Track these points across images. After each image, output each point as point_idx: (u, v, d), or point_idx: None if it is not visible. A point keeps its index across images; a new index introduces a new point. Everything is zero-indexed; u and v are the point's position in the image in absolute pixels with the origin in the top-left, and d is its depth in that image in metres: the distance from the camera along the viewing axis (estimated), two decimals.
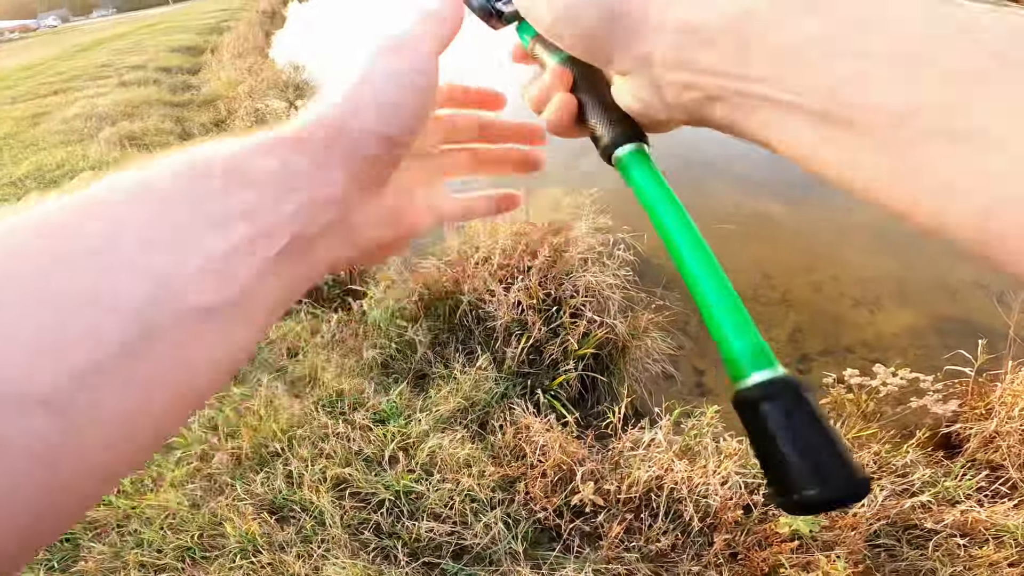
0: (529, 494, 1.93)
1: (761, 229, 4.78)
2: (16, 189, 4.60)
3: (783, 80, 0.23)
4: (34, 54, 18.00)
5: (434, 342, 3.02)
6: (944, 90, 0.19)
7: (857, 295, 3.94)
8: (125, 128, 5.61)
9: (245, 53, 9.90)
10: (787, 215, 5.10)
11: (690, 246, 0.29)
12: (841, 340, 3.52)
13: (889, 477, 2.18)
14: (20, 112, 7.52)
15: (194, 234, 0.21)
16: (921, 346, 3.44)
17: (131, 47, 14.27)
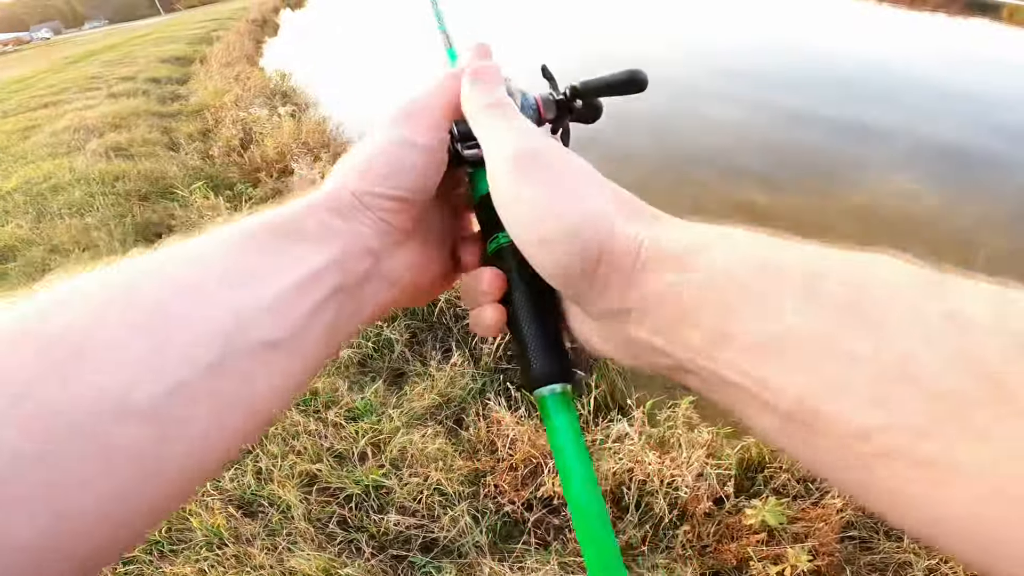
0: (498, 487, 1.95)
1: (745, 220, 4.79)
2: (4, 203, 4.61)
3: (758, 375, 0.22)
4: (26, 67, 18.05)
5: (412, 340, 3.05)
6: (920, 412, 0.18)
7: None
8: (112, 139, 5.63)
9: (233, 62, 9.94)
10: (771, 204, 5.13)
11: (587, 500, 0.28)
12: None
13: None
14: (11, 126, 7.54)
15: (261, 278, 0.25)
16: None
17: (121, 58, 14.31)
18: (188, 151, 5.35)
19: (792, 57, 12.80)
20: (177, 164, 4.98)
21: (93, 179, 4.69)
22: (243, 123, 5.37)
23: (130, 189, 4.50)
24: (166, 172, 4.80)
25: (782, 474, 2.23)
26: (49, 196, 4.57)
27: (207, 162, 5.11)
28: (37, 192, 4.69)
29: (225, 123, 5.58)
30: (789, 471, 2.23)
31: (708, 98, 8.65)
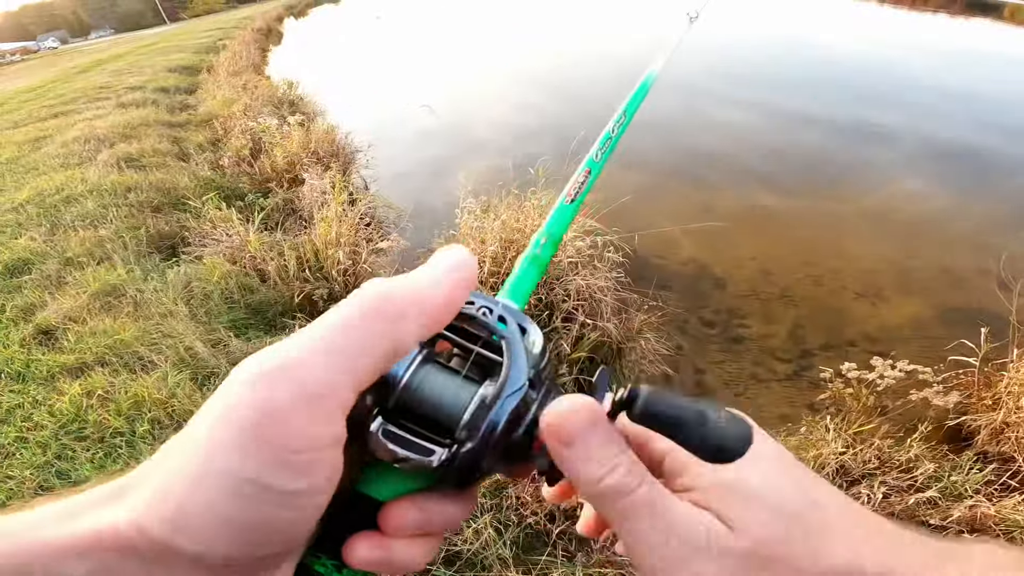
0: (520, 499, 1.95)
1: (757, 223, 4.79)
2: (17, 215, 4.61)
3: None
4: (35, 76, 18.16)
5: None
6: None
7: (859, 287, 3.96)
8: (123, 150, 5.65)
9: (240, 71, 10.00)
10: (783, 207, 5.16)
11: None
12: (843, 334, 3.54)
13: (892, 473, 2.16)
14: (22, 136, 7.53)
15: None
16: (926, 337, 3.45)
17: (129, 68, 14.39)
18: (199, 161, 5.37)
19: (796, 59, 12.78)
20: (188, 175, 5.00)
21: (106, 190, 4.71)
22: (252, 133, 5.40)
23: (143, 200, 4.52)
24: (177, 183, 4.81)
25: None
26: (62, 208, 4.58)
27: (217, 172, 5.13)
28: (50, 204, 4.71)
29: (234, 133, 5.60)
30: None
31: (715, 101, 8.66)
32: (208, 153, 5.65)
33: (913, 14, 31.86)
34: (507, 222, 3.19)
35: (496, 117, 8.08)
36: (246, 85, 8.06)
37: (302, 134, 5.07)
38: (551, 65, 12.17)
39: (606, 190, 3.54)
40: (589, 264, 3.26)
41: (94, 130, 6.64)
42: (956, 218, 5.01)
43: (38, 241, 4.05)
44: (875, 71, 11.43)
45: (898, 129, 7.31)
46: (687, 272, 4.11)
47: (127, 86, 10.53)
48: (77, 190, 4.82)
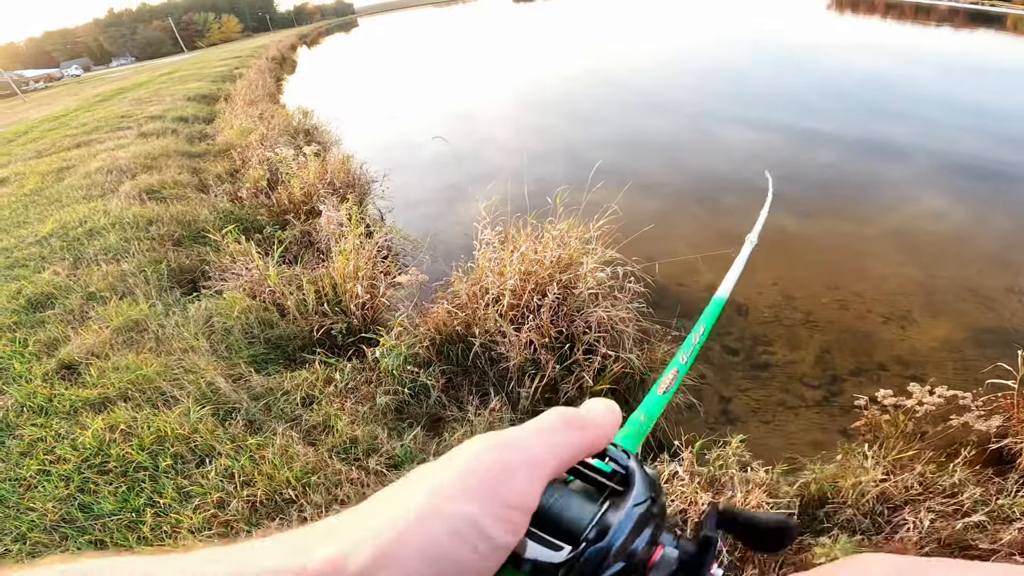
0: None
1: (777, 247, 4.72)
2: (41, 248, 4.66)
3: None
4: (58, 104, 18.71)
5: (447, 385, 3.06)
6: None
7: (886, 311, 3.91)
8: (144, 181, 5.73)
9: (256, 100, 10.19)
10: (803, 230, 5.10)
11: None
12: (874, 358, 3.49)
13: (937, 498, 2.14)
14: (45, 166, 7.67)
15: None
16: (959, 359, 3.40)
17: (150, 96, 14.76)
18: (217, 193, 5.42)
19: (806, 77, 12.76)
20: (208, 207, 5.05)
21: (127, 223, 4.76)
22: (269, 163, 5.45)
23: (164, 233, 4.56)
24: (197, 215, 4.86)
25: (846, 509, 2.19)
26: (85, 241, 4.64)
27: (236, 204, 5.18)
28: (73, 237, 4.76)
29: (252, 163, 5.67)
30: (854, 506, 2.18)
31: (728, 122, 8.64)
32: (227, 184, 5.72)
33: (918, 27, 31.87)
34: (526, 254, 3.15)
35: (510, 142, 8.12)
36: (262, 115, 8.20)
37: (318, 164, 5.11)
38: (563, 88, 12.26)
39: (626, 218, 3.51)
40: (610, 296, 3.22)
41: (116, 160, 6.75)
42: (979, 236, 4.92)
43: (61, 275, 4.09)
44: (885, 86, 11.40)
45: (913, 145, 7.24)
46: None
47: (148, 115, 10.78)
48: (100, 223, 4.89)
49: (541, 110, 10.52)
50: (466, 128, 9.30)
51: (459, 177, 6.69)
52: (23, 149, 9.68)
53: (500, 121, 9.81)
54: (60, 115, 14.70)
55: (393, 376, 2.97)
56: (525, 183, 3.77)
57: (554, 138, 8.28)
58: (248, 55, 25.16)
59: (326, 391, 2.86)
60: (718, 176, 6.34)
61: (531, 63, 16.86)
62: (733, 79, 12.46)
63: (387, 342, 3.04)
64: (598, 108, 10.09)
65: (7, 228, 5.28)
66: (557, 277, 3.09)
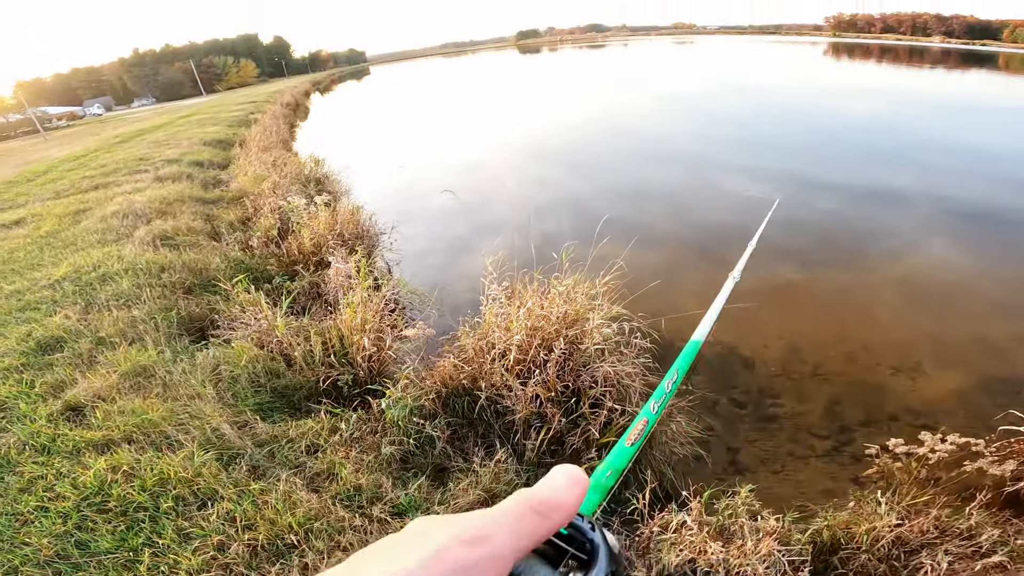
0: None
1: (782, 300, 4.74)
2: (53, 292, 4.70)
3: None
4: (79, 144, 19.25)
5: (453, 437, 3.06)
6: None
7: (895, 362, 3.91)
8: (159, 227, 5.85)
9: (270, 147, 10.47)
10: (807, 282, 5.12)
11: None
12: (884, 408, 3.48)
13: (954, 541, 2.14)
14: (62, 208, 7.82)
15: None
16: (970, 408, 3.40)
17: (167, 139, 15.20)
18: (229, 241, 5.52)
19: (802, 122, 13.02)
20: (219, 255, 5.14)
21: (140, 269, 4.84)
22: (280, 212, 5.56)
23: (175, 281, 4.63)
24: (209, 263, 4.94)
25: (861, 555, 2.17)
26: (98, 286, 4.70)
27: (247, 253, 5.26)
28: (86, 281, 4.82)
29: (263, 212, 5.79)
30: (869, 551, 2.17)
31: (727, 170, 8.78)
32: (238, 232, 5.82)
33: (913, 70, 32.67)
34: (532, 310, 3.18)
35: (515, 194, 8.26)
36: (275, 162, 8.42)
37: (328, 215, 5.21)
38: (567, 138, 12.55)
39: (631, 272, 3.56)
40: (616, 351, 3.23)
41: (132, 204, 6.90)
42: (985, 283, 4.94)
43: (72, 319, 4.12)
44: (885, 131, 11.60)
45: (913, 192, 7.32)
46: (714, 354, 4.06)
47: (165, 158, 11.07)
48: (113, 268, 4.96)
49: (546, 160, 10.77)
50: (473, 178, 9.51)
51: (466, 229, 6.79)
52: (42, 189, 9.93)
53: (507, 171, 10.03)
54: (80, 155, 15.12)
55: (398, 427, 2.99)
56: (531, 237, 3.84)
57: (559, 189, 8.43)
58: (264, 100, 26.01)
59: (331, 440, 2.88)
60: (721, 227, 6.41)
61: (536, 112, 17.34)
62: (735, 125, 12.75)
63: (393, 394, 3.05)
64: (602, 158, 10.33)
65: (21, 271, 5.36)
66: (563, 333, 3.12)
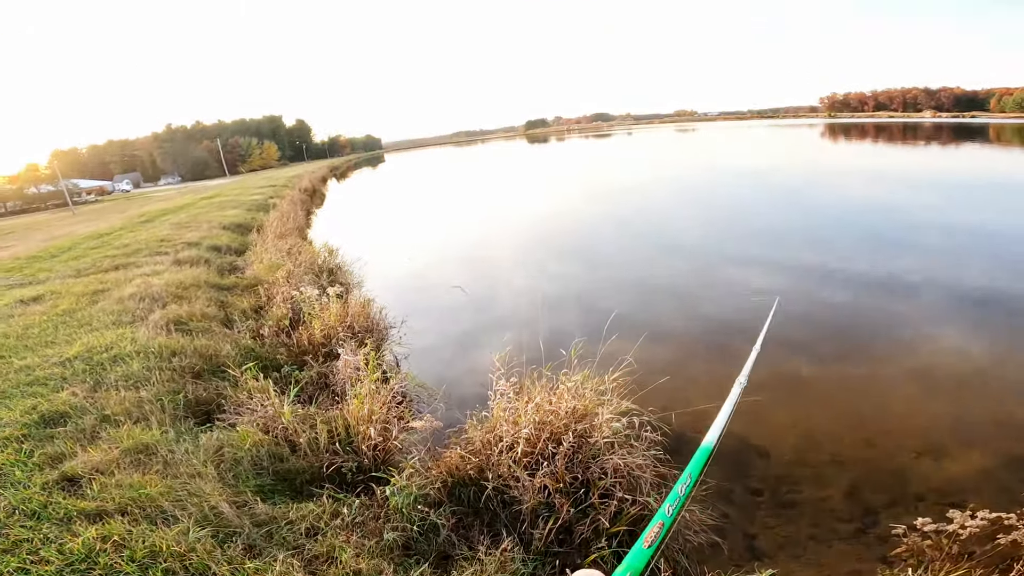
0: None
1: (794, 392, 4.76)
2: (63, 369, 4.75)
3: None
4: (103, 222, 20.03)
5: (458, 525, 3.06)
6: None
7: (916, 446, 3.92)
8: (174, 312, 6.01)
9: (286, 233, 10.89)
10: (820, 375, 5.12)
11: None
12: (908, 490, 3.48)
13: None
14: (82, 287, 8.03)
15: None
16: (998, 485, 3.40)
17: (189, 221, 15.84)
18: (241, 329, 5.64)
19: (806, 209, 13.32)
20: (231, 342, 5.26)
21: (152, 352, 4.94)
22: (293, 302, 5.69)
23: (185, 365, 4.72)
24: (219, 350, 5.06)
25: None
26: (108, 366, 4.78)
27: (257, 342, 5.38)
28: (97, 361, 4.90)
29: (276, 301, 5.94)
30: None
31: (730, 262, 8.98)
32: (250, 320, 5.97)
33: (908, 148, 33.87)
34: (541, 405, 3.22)
35: (525, 286, 8.43)
36: (291, 250, 8.72)
37: (339, 307, 5.34)
38: (574, 229, 12.93)
39: (640, 367, 3.61)
40: (626, 444, 3.27)
41: (150, 287, 7.11)
42: (1002, 369, 4.95)
43: (79, 396, 4.17)
44: (885, 215, 11.82)
45: (921, 279, 7.37)
46: (726, 444, 3.99)
47: (185, 241, 11.50)
48: (125, 350, 5.07)
49: (553, 252, 11.07)
50: (483, 270, 9.75)
51: (474, 324, 6.90)
52: (64, 266, 10.27)
53: (516, 264, 10.31)
54: (104, 233, 15.73)
55: (402, 513, 2.99)
56: (540, 333, 3.93)
57: (567, 283, 8.58)
58: (283, 184, 27.28)
59: (332, 524, 2.86)
60: (728, 321, 6.44)
61: (545, 203, 17.98)
62: (737, 215, 13.09)
63: (398, 482, 3.08)
64: (609, 250, 10.57)
65: (34, 347, 5.45)
66: (572, 427, 3.15)
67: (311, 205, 18.70)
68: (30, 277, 9.40)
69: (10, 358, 5.07)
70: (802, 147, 39.11)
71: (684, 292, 7.68)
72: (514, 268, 9.83)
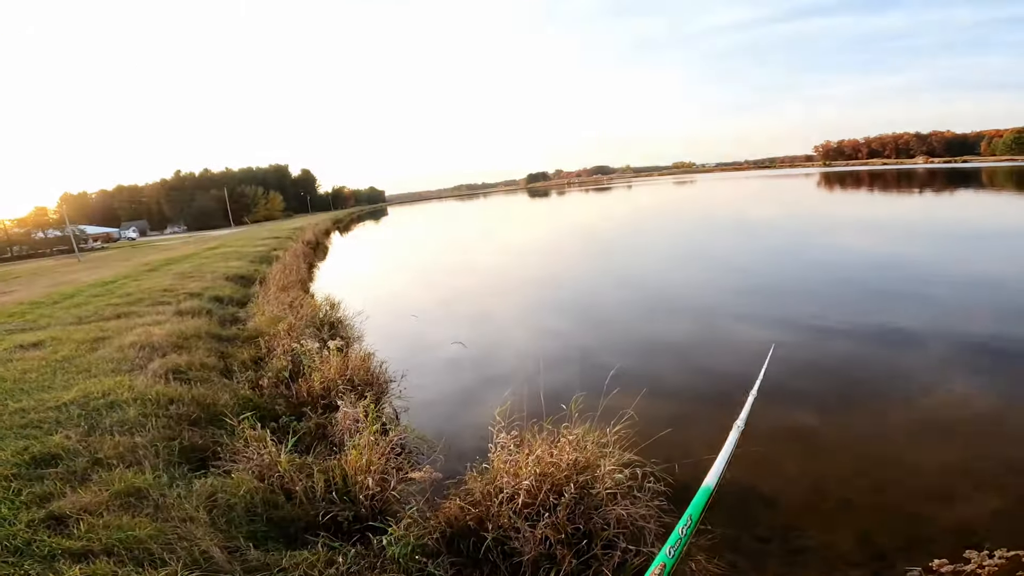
0: None
1: (799, 443, 4.74)
2: (59, 413, 4.75)
3: None
4: (108, 270, 20.27)
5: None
6: None
7: (927, 490, 3.91)
8: (173, 361, 6.05)
9: (289, 286, 10.98)
10: (826, 425, 5.06)
11: None
12: (920, 533, 3.45)
13: None
14: (82, 335, 8.08)
15: None
16: (1013, 526, 3.34)
17: (192, 272, 16.00)
18: (240, 379, 5.66)
19: (804, 263, 13.39)
20: (229, 392, 5.30)
21: (149, 400, 4.97)
22: (293, 354, 5.71)
23: (182, 413, 4.74)
24: (217, 399, 5.10)
25: None
26: (104, 412, 4.78)
27: (256, 392, 5.41)
28: (93, 407, 4.90)
29: (277, 353, 5.95)
30: None
31: (731, 319, 9.01)
32: (250, 372, 6.00)
33: (903, 196, 34.35)
34: (542, 457, 3.22)
35: (523, 346, 8.38)
36: (292, 303, 8.79)
37: (340, 360, 5.36)
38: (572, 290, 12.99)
39: (642, 421, 3.61)
40: (629, 495, 3.28)
41: (151, 337, 7.15)
42: (1010, 413, 4.94)
43: (72, 440, 4.15)
44: (884, 267, 11.83)
45: (923, 330, 7.35)
46: (732, 493, 3.99)
47: (187, 291, 11.59)
48: (122, 396, 5.10)
49: (552, 308, 11.12)
50: (484, 330, 9.74)
51: (475, 379, 6.85)
52: (66, 313, 10.34)
53: (515, 322, 10.32)
54: (108, 281, 15.88)
55: (399, 564, 2.96)
56: (541, 387, 3.96)
57: (568, 341, 8.55)
58: (286, 236, 27.69)
59: (327, 572, 2.83)
60: (729, 375, 6.39)
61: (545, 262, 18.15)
62: (736, 270, 13.15)
63: (396, 532, 3.07)
64: (607, 308, 10.58)
65: (30, 391, 5.48)
66: (574, 478, 3.14)
67: (314, 258, 18.93)
68: (31, 323, 9.48)
69: (6, 401, 5.10)
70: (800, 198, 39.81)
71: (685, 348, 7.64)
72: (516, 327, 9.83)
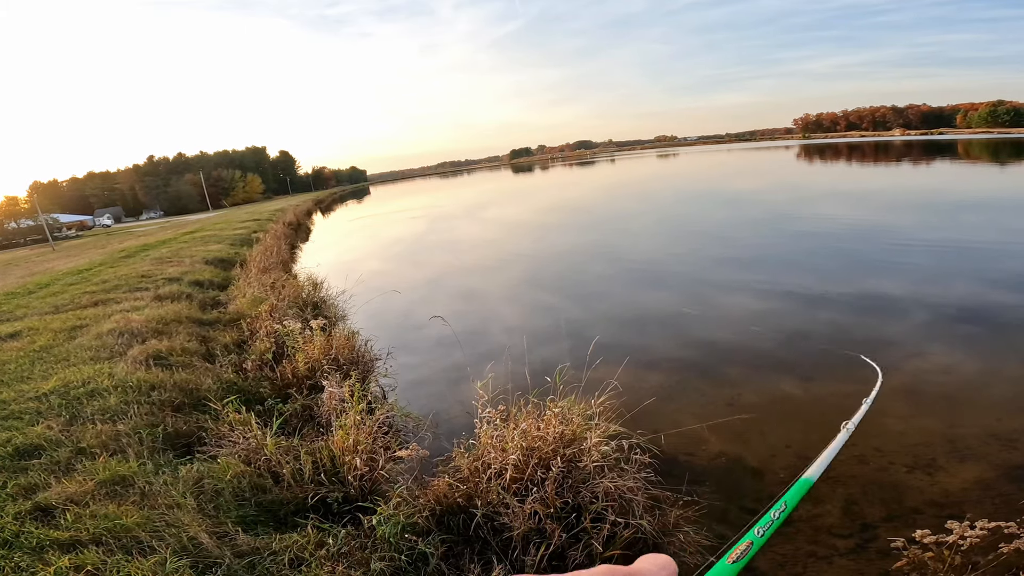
0: None
1: (784, 411, 4.81)
2: (39, 404, 4.68)
3: None
4: (83, 257, 19.76)
5: (448, 553, 3.04)
6: None
7: (908, 460, 3.95)
8: (153, 347, 5.93)
9: (270, 268, 10.78)
10: (808, 395, 5.13)
11: None
12: (904, 504, 3.50)
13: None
14: (60, 323, 7.93)
15: None
16: (995, 495, 3.44)
17: (171, 256, 15.65)
18: (223, 363, 5.57)
19: (787, 234, 13.52)
20: (212, 376, 5.20)
21: (130, 387, 4.88)
22: (276, 336, 5.62)
23: (165, 399, 4.65)
24: (200, 384, 5.02)
25: None
26: (85, 401, 4.72)
27: (240, 375, 5.32)
28: (74, 396, 4.84)
29: (260, 335, 5.86)
30: None
31: (719, 289, 9.10)
32: (233, 355, 5.90)
33: (881, 168, 34.73)
34: (527, 431, 3.22)
35: (511, 320, 8.40)
36: (274, 284, 8.64)
37: (323, 340, 5.28)
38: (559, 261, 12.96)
39: (627, 392, 3.61)
40: (616, 467, 3.30)
41: (129, 323, 7.01)
42: (990, 383, 5.00)
43: (54, 430, 4.11)
44: (865, 237, 12.02)
45: (904, 298, 7.47)
46: (719, 466, 4.04)
47: (166, 276, 11.33)
48: (103, 384, 5.02)
49: (536, 283, 11.11)
50: (468, 304, 9.72)
51: (460, 354, 6.80)
52: (42, 303, 10.11)
53: (500, 296, 10.33)
54: (84, 269, 15.49)
55: (390, 543, 2.96)
56: (526, 361, 3.93)
57: (553, 312, 8.55)
58: (267, 218, 27.13)
59: (317, 554, 2.83)
60: (715, 344, 6.46)
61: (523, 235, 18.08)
62: (719, 241, 13.25)
63: (385, 511, 3.06)
64: (593, 280, 10.58)
65: (9, 382, 5.38)
66: (561, 451, 3.14)
67: (296, 239, 18.62)
68: (7, 313, 9.26)
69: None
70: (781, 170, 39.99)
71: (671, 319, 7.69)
72: (500, 301, 9.85)
